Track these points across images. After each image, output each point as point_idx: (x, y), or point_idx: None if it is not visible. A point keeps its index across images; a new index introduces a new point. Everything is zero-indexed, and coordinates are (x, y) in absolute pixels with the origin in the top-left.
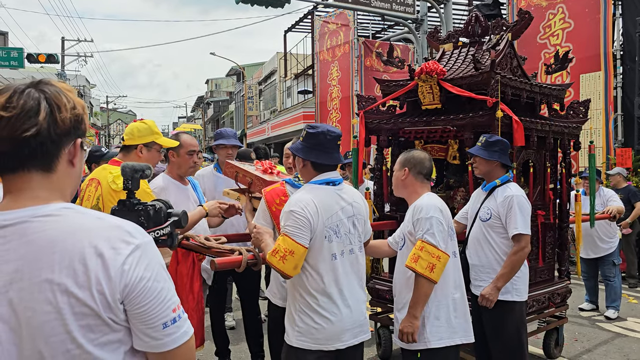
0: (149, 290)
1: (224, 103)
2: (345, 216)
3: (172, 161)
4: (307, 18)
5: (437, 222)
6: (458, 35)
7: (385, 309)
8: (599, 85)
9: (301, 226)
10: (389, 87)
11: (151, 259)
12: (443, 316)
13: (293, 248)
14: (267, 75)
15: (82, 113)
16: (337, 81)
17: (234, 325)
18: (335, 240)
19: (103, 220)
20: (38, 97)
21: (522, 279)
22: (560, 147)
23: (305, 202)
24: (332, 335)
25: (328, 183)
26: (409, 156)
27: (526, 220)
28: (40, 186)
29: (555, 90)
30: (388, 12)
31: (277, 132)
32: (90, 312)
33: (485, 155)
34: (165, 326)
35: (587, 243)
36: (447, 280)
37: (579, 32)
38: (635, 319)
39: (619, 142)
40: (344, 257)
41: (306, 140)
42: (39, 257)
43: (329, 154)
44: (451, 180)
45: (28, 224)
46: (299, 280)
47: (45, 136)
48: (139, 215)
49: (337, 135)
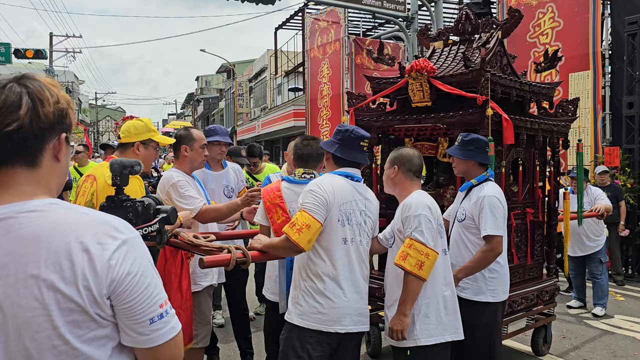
0: (136, 286)
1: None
2: (359, 208)
3: (184, 156)
4: (298, 15)
5: (425, 220)
6: (448, 33)
7: (374, 306)
8: (588, 84)
9: (319, 203)
10: (379, 84)
11: (138, 255)
12: (433, 313)
13: (309, 222)
14: (257, 72)
15: (67, 108)
16: (327, 79)
17: (223, 323)
18: (348, 227)
19: (89, 216)
20: (20, 91)
21: (499, 280)
22: (549, 146)
23: (324, 183)
24: (333, 318)
25: (347, 176)
26: (398, 154)
27: (497, 221)
28: (26, 181)
29: (545, 89)
30: (379, 9)
31: (268, 129)
32: (76, 307)
33: (461, 154)
34: (152, 321)
35: (574, 241)
36: (437, 277)
37: (569, 31)
38: (622, 317)
39: (607, 140)
40: (354, 245)
41: (334, 136)
42: (24, 253)
43: (350, 151)
44: (441, 178)
45: (13, 219)
46: (307, 262)
47: (27, 131)
48: (127, 212)
49: (360, 135)
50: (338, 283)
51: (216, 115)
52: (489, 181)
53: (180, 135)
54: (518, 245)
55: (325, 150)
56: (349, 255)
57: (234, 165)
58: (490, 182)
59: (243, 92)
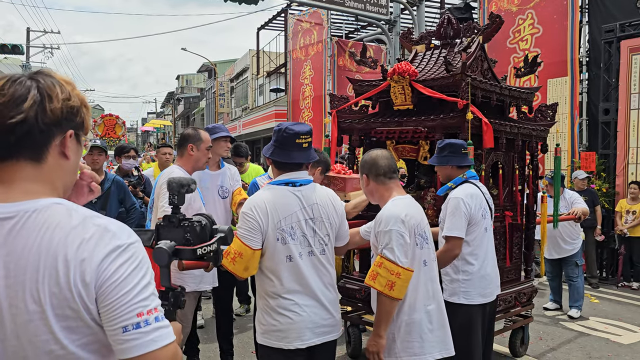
0: (114, 290)
1: (194, 99)
2: (304, 218)
3: (190, 155)
4: (281, 16)
5: (396, 236)
6: (430, 37)
7: (355, 307)
8: (566, 90)
9: (250, 228)
10: (361, 87)
11: (129, 260)
12: (415, 331)
13: (242, 250)
14: (239, 72)
15: (79, 106)
16: (309, 80)
17: (203, 324)
18: (292, 242)
19: (89, 219)
20: (29, 85)
21: (472, 282)
22: (528, 150)
23: (257, 203)
24: (292, 334)
25: (287, 184)
26: (362, 161)
27: (456, 222)
28: (30, 177)
29: (524, 94)
30: (362, 12)
31: (249, 129)
32: (72, 313)
33: (437, 161)
34: (125, 330)
35: (551, 244)
36: (417, 293)
37: (547, 38)
38: (597, 318)
39: (583, 146)
40: (305, 259)
41: (272, 139)
42: (24, 255)
43: (287, 152)
44: (422, 180)
45: (16, 219)
46: (259, 281)
47: (32, 124)
48: (185, 232)
49: (295, 132)
50: (291, 299)
51: (197, 114)
52: (467, 183)
53: (188, 134)
54: (497, 247)
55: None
56: (298, 272)
57: (230, 167)
58: (465, 184)
59: (224, 92)
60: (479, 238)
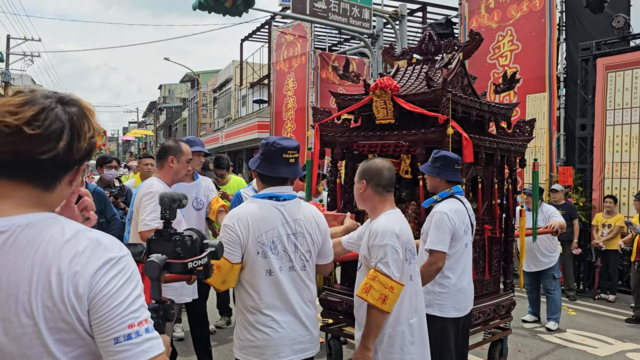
0: (106, 302)
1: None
2: (286, 233)
3: (170, 166)
4: (265, 28)
5: (392, 250)
6: (412, 52)
7: (336, 320)
8: (544, 106)
9: (230, 241)
10: (344, 100)
11: (120, 272)
12: (397, 344)
13: (220, 263)
14: (222, 83)
15: (96, 139)
16: (293, 92)
17: (182, 336)
18: (272, 257)
19: (82, 233)
20: (64, 120)
21: (448, 296)
22: (507, 164)
23: (239, 216)
24: (269, 351)
25: (271, 197)
26: (366, 167)
27: (440, 236)
28: (32, 199)
29: (503, 109)
30: (345, 26)
31: (231, 140)
32: (65, 325)
33: (429, 171)
34: (117, 342)
35: (529, 257)
36: (401, 306)
37: (526, 55)
38: (574, 331)
39: (561, 160)
40: (285, 274)
41: (259, 152)
42: (16, 269)
43: (273, 167)
44: (403, 193)
45: (9, 233)
46: (239, 295)
47: (57, 162)
48: (175, 246)
49: (282, 147)
50: (269, 315)
51: (179, 124)
52: (452, 198)
53: (169, 146)
54: (476, 260)
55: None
56: (278, 286)
57: (205, 178)
58: (451, 199)
59: (207, 102)
60: (459, 253)
